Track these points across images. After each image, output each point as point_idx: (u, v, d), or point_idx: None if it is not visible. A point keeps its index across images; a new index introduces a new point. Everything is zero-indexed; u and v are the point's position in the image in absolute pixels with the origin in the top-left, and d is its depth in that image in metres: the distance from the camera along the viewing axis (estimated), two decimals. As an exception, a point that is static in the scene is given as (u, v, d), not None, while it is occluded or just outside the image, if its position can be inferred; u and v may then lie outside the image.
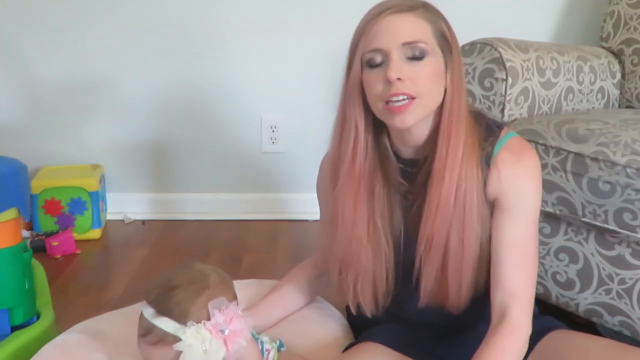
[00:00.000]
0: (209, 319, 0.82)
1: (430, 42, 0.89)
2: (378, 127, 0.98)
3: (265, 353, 0.98)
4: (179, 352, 0.80)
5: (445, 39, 0.92)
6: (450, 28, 0.93)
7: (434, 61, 0.90)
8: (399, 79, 0.87)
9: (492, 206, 0.95)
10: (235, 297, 0.89)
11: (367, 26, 0.90)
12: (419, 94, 0.88)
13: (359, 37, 0.91)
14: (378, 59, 0.89)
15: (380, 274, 1.00)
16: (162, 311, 0.83)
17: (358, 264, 0.99)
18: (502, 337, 0.88)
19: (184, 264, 0.90)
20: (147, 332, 0.84)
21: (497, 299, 0.92)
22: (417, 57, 0.88)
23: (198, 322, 0.81)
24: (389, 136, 0.99)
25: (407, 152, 0.99)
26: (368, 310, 1.03)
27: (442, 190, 0.91)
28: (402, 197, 1.00)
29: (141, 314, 0.85)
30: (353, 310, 1.05)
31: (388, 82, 0.88)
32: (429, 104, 0.91)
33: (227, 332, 0.82)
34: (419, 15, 0.90)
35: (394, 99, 0.88)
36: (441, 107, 0.93)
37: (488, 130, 0.96)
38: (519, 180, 0.93)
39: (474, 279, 0.95)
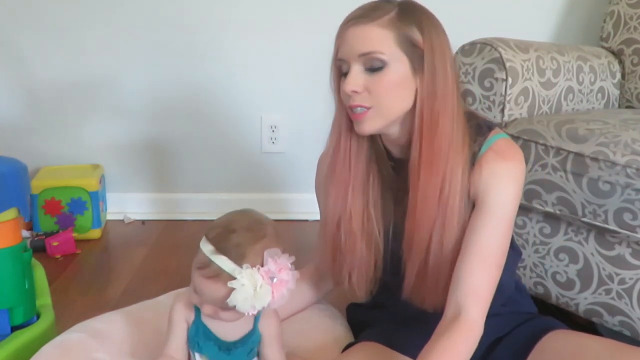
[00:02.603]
0: (262, 265, 0.87)
1: (390, 51, 0.89)
2: None
3: None
4: (231, 289, 0.86)
5: (414, 45, 0.90)
6: (426, 31, 0.91)
7: (395, 70, 0.90)
8: (354, 91, 0.90)
9: (473, 206, 0.95)
10: (284, 250, 0.93)
11: (337, 36, 0.93)
12: (373, 105, 0.91)
13: (334, 46, 0.95)
14: (344, 68, 0.92)
15: (371, 262, 1.02)
16: (221, 250, 0.88)
17: (353, 255, 1.01)
18: (457, 334, 0.87)
19: (244, 210, 0.96)
20: (204, 266, 0.88)
21: (456, 295, 0.91)
22: (375, 68, 0.90)
23: (253, 266, 0.87)
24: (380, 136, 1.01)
25: (395, 151, 1.00)
26: (362, 297, 1.06)
27: (418, 191, 0.92)
28: (395, 190, 1.01)
29: (199, 248, 0.90)
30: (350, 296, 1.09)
31: (346, 94, 0.91)
32: (387, 112, 0.92)
33: (275, 280, 0.87)
34: (381, 24, 0.89)
35: (353, 110, 0.92)
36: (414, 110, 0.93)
37: (477, 131, 0.96)
38: (498, 182, 0.92)
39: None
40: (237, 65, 2.13)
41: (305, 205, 2.10)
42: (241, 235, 0.89)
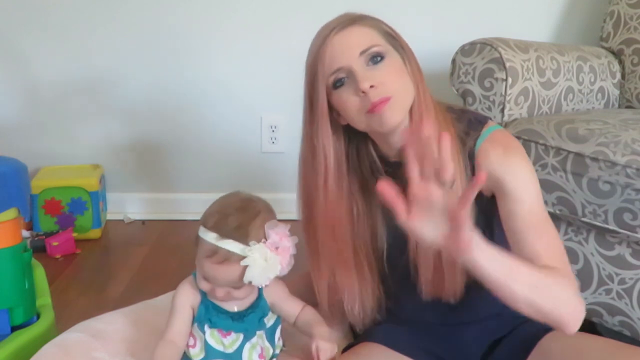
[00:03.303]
0: (264, 237, 0.93)
1: (383, 44, 0.92)
2: (360, 140, 1.00)
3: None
4: (244, 268, 0.91)
5: (393, 37, 0.95)
6: (393, 28, 0.96)
7: (393, 60, 0.92)
8: (372, 86, 0.89)
9: (484, 198, 0.95)
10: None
11: (319, 53, 0.93)
12: (392, 93, 0.90)
13: (315, 65, 0.93)
14: (342, 77, 0.91)
15: (366, 292, 1.02)
16: (225, 234, 0.92)
17: (343, 290, 1.02)
18: (552, 270, 0.85)
19: (230, 194, 1.00)
20: (212, 253, 0.92)
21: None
22: (377, 61, 0.91)
23: (258, 241, 0.92)
24: (374, 145, 1.01)
25: (393, 155, 1.00)
26: (358, 325, 1.05)
27: None
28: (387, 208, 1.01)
29: (200, 239, 0.94)
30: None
31: (363, 94, 0.89)
32: (405, 99, 0.93)
33: (279, 248, 0.94)
34: (362, 24, 0.93)
35: (374, 106, 0.90)
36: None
37: (470, 125, 0.97)
38: (510, 168, 0.93)
39: None
40: (237, 65, 2.13)
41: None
42: (238, 216, 0.93)
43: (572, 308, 0.85)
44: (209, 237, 0.93)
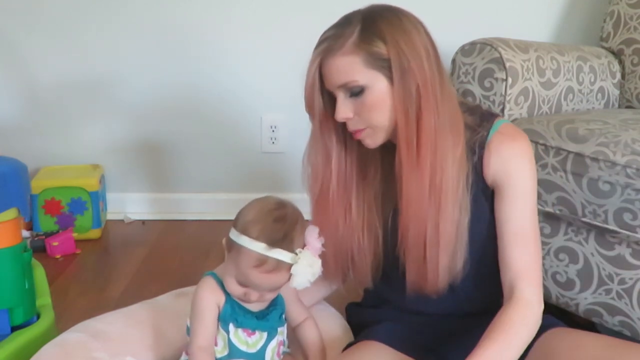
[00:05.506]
0: (304, 243, 0.96)
1: (362, 76, 0.91)
2: None
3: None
4: (290, 274, 0.94)
5: (382, 59, 0.91)
6: (389, 39, 0.90)
7: (375, 89, 0.92)
8: (345, 118, 0.94)
9: (490, 191, 0.98)
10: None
11: (311, 70, 0.98)
12: (366, 125, 0.94)
13: (309, 78, 0.99)
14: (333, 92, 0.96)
15: (370, 250, 1.04)
16: (273, 244, 0.92)
17: (352, 244, 1.05)
18: (510, 311, 0.91)
19: (262, 199, 1.00)
20: (261, 263, 0.93)
21: (506, 280, 0.95)
22: (356, 93, 0.93)
23: (301, 247, 0.95)
24: None
25: None
26: (367, 282, 1.09)
27: (408, 188, 0.94)
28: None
29: (243, 248, 0.93)
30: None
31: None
32: (381, 127, 0.95)
33: (313, 250, 0.96)
34: (345, 52, 0.91)
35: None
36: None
37: (483, 117, 1.00)
38: (513, 162, 0.96)
39: (450, 263, 0.97)
40: (237, 65, 2.13)
41: (305, 205, 2.09)
42: (282, 224, 0.95)
43: (533, 332, 0.93)
44: (257, 247, 0.92)
